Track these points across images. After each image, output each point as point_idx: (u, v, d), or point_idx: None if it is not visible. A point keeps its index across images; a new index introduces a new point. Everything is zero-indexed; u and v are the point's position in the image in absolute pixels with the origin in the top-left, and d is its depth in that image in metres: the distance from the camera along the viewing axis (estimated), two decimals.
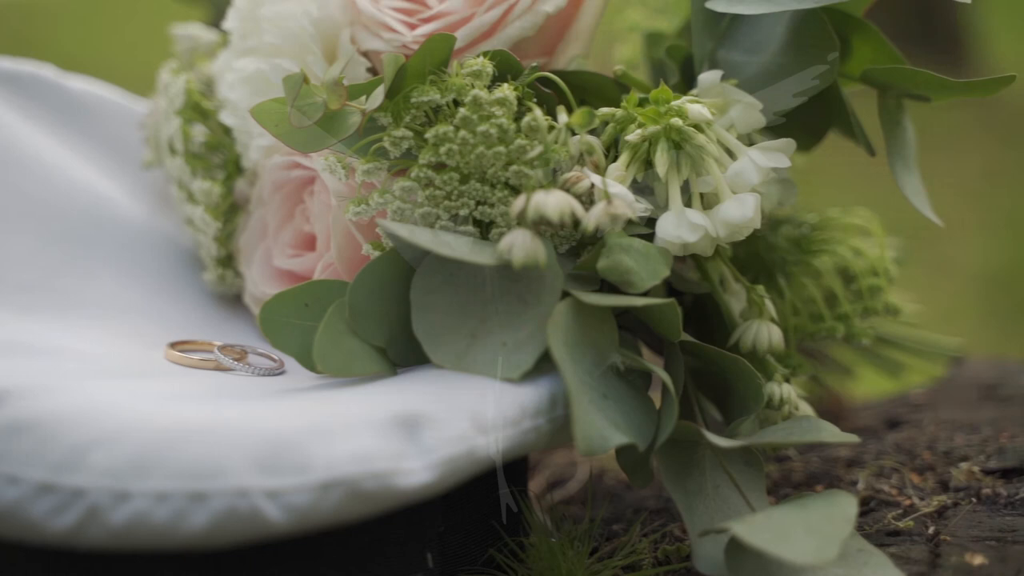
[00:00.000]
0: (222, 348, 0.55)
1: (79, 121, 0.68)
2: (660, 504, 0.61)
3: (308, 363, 0.52)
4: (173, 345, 0.56)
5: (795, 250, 0.62)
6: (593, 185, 0.51)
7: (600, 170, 0.52)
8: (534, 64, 0.53)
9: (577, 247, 0.53)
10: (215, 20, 0.75)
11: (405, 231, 0.49)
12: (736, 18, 0.58)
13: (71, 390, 0.45)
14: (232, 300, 0.64)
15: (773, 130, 0.57)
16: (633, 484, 0.52)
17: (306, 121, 0.51)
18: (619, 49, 0.72)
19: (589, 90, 0.58)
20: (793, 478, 0.62)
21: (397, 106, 0.52)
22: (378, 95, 0.51)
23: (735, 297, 0.58)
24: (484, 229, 0.52)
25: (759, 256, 0.62)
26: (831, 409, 0.76)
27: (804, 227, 0.63)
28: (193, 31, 0.68)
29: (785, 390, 0.55)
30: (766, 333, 0.55)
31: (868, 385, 0.83)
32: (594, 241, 0.52)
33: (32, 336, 0.52)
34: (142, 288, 0.62)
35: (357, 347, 0.51)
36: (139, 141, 0.70)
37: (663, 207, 0.54)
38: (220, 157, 0.63)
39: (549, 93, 0.55)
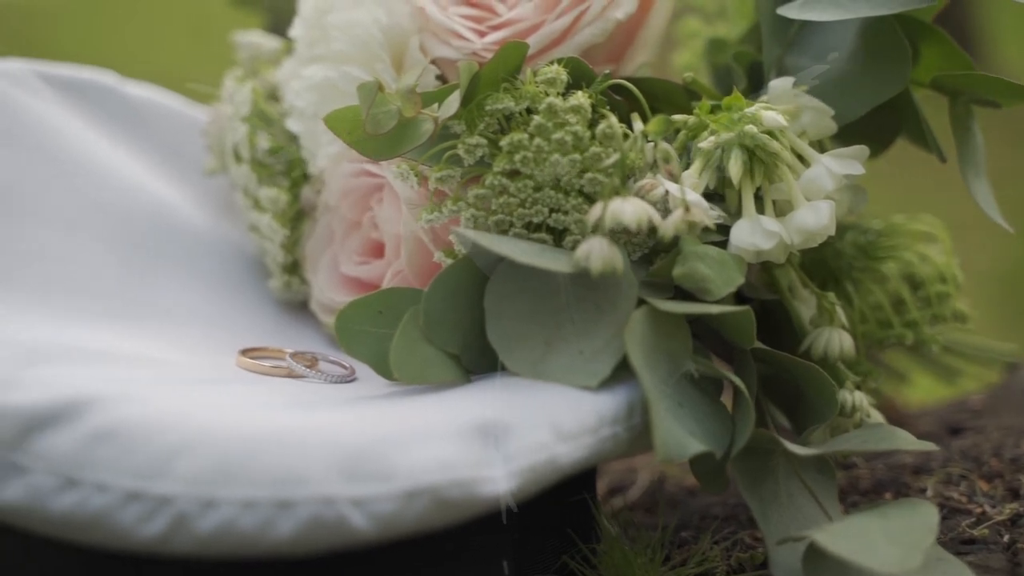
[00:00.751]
0: (294, 355, 0.55)
1: (140, 128, 0.68)
2: (726, 511, 0.61)
3: (383, 370, 0.52)
4: (244, 352, 0.56)
5: (862, 256, 0.62)
6: (667, 192, 0.51)
7: (675, 177, 0.52)
8: (606, 71, 0.53)
9: (649, 254, 0.53)
10: (272, 27, 0.75)
11: (482, 238, 0.49)
12: (805, 24, 0.57)
13: (154, 398, 0.45)
14: (297, 307, 0.64)
15: (839, 136, 0.57)
16: (706, 491, 0.52)
17: (381, 129, 0.51)
18: (676, 56, 0.72)
19: (657, 97, 0.58)
20: (860, 485, 0.62)
21: (471, 114, 0.52)
22: (453, 103, 0.51)
23: (804, 304, 0.58)
24: (557, 237, 0.52)
25: (825, 262, 0.62)
26: (887, 416, 0.75)
27: (870, 233, 0.63)
28: (254, 39, 0.68)
29: (857, 397, 0.55)
30: (837, 340, 0.55)
31: (922, 391, 0.83)
32: (666, 248, 0.52)
33: (108, 344, 0.52)
34: (209, 295, 0.62)
35: (432, 354, 0.51)
36: (198, 148, 0.70)
37: (733, 214, 0.54)
38: (283, 164, 0.63)
39: (619, 100, 0.55)
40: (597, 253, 0.48)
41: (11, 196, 0.59)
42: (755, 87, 0.60)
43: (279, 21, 0.76)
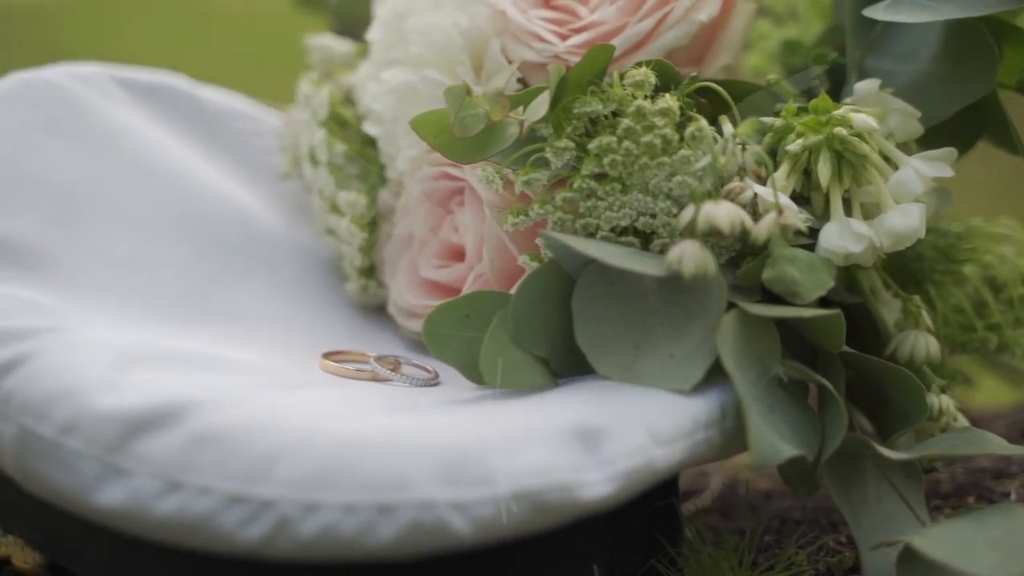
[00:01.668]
0: (378, 359, 0.55)
1: (213, 131, 0.69)
2: (805, 515, 0.61)
3: (471, 374, 0.52)
4: (327, 355, 0.56)
5: (942, 259, 0.61)
6: (755, 195, 0.50)
7: (763, 180, 0.52)
8: (692, 74, 0.53)
9: (736, 258, 0.53)
10: (338, 29, 0.75)
11: (573, 241, 0.49)
12: (888, 26, 0.57)
13: (253, 401, 0.45)
14: (373, 311, 0.64)
15: (920, 138, 0.57)
16: (796, 495, 0.52)
17: (468, 132, 0.51)
18: (747, 58, 0.72)
19: (736, 99, 0.58)
20: (941, 489, 0.62)
21: (558, 117, 0.52)
22: (541, 106, 0.51)
23: (885, 307, 0.58)
24: (644, 240, 0.52)
25: (906, 265, 0.61)
26: None
27: (949, 236, 0.62)
28: (326, 42, 0.68)
29: (944, 401, 0.54)
30: (923, 343, 0.55)
31: (985, 394, 0.82)
32: (753, 251, 0.52)
33: (197, 348, 0.52)
34: (287, 299, 0.62)
35: (521, 358, 0.51)
36: (268, 151, 0.70)
37: (819, 217, 0.54)
38: (359, 168, 0.63)
39: (703, 103, 0.54)
40: (689, 256, 0.48)
41: (91, 200, 0.59)
42: (835, 89, 0.60)
43: (343, 24, 0.77)
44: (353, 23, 0.74)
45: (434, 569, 0.45)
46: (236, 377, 0.49)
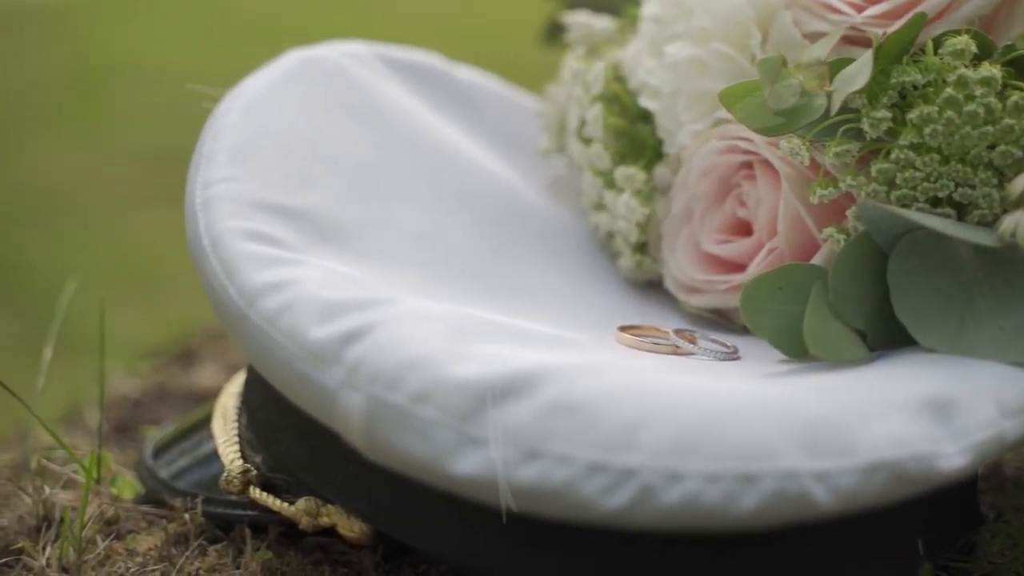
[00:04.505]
0: (677, 332, 0.55)
1: (469, 110, 0.69)
2: None
3: (783, 345, 0.51)
4: (623, 329, 0.56)
5: None
6: None
7: None
8: (1007, 43, 0.52)
9: None
10: (568, 5, 0.75)
11: (900, 211, 0.49)
12: None
13: (602, 370, 0.45)
14: (642, 286, 0.64)
15: None
16: None
17: (783, 104, 0.51)
18: None
19: None
20: None
21: (871, 87, 0.52)
22: (860, 76, 0.50)
23: None
24: (959, 212, 0.52)
25: None
26: None
27: None
28: (584, 19, 0.68)
29: None
30: None
31: None
32: None
33: (507, 320, 0.53)
34: (561, 273, 0.62)
35: (841, 330, 0.50)
36: (519, 129, 0.70)
37: None
38: (631, 143, 0.63)
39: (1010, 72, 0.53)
40: None
41: (379, 175, 0.59)
42: None
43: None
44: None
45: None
46: (563, 349, 0.49)
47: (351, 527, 0.51)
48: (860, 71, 0.51)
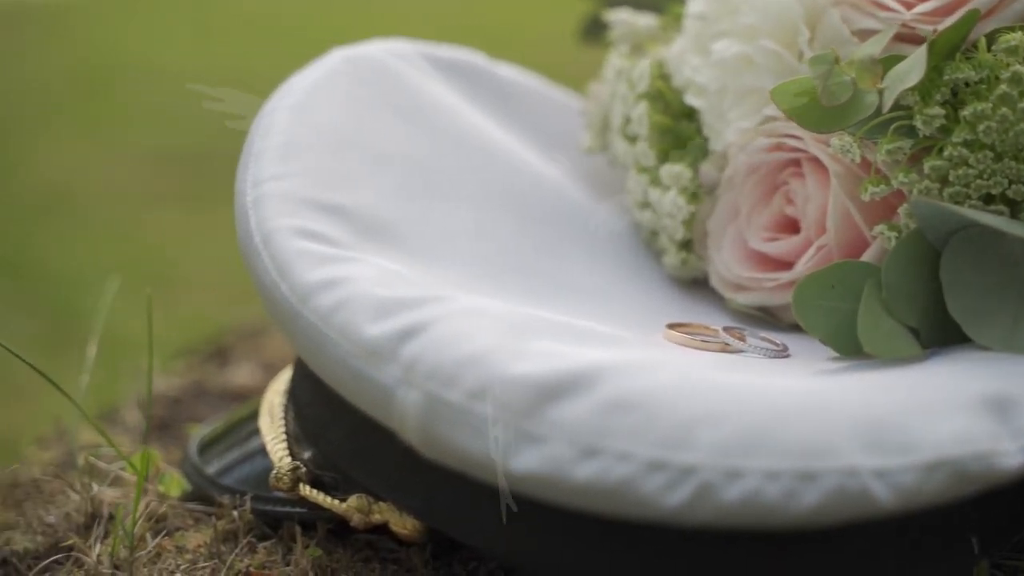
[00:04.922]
0: (726, 330, 0.55)
1: (512, 107, 0.69)
2: None
3: (836, 343, 0.51)
4: (671, 327, 0.56)
5: None
6: None
7: None
8: None
9: None
10: (610, 4, 0.75)
11: (956, 209, 0.49)
12: None
13: (659, 368, 0.45)
14: (687, 284, 0.64)
15: None
16: None
17: (836, 100, 0.51)
18: None
19: None
20: None
21: (924, 84, 0.51)
22: (913, 73, 0.50)
23: None
24: (1013, 209, 0.51)
25: None
26: None
27: None
28: (626, 17, 0.68)
29: None
30: None
31: None
32: None
33: (557, 318, 0.53)
34: (605, 272, 0.62)
35: (895, 328, 0.50)
36: (559, 127, 0.70)
37: None
38: (675, 140, 0.63)
39: None
40: None
41: (425, 173, 0.59)
42: None
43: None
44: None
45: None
46: (616, 347, 0.49)
47: (403, 524, 0.51)
48: (913, 68, 0.51)
